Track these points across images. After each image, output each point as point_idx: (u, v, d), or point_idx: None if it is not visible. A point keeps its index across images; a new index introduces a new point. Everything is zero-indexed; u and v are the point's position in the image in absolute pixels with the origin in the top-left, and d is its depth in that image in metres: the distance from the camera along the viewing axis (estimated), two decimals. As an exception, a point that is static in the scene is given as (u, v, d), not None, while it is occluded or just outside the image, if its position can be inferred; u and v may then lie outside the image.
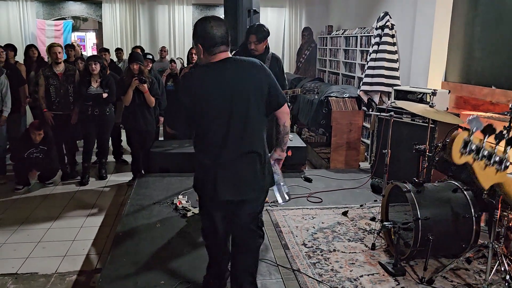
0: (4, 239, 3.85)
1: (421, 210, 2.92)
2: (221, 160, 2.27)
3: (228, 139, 2.25)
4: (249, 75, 2.30)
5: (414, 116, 4.36)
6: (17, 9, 8.83)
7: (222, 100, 2.24)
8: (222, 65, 2.27)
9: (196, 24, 2.33)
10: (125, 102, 4.99)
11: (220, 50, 2.27)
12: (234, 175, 2.29)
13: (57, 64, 5.24)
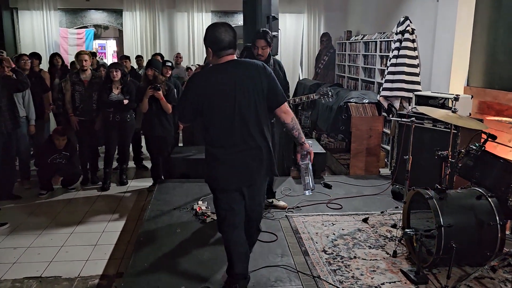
0: (29, 243, 3.93)
1: (444, 217, 2.87)
2: (228, 152, 2.52)
3: (234, 133, 2.50)
4: (251, 75, 2.52)
5: (436, 121, 4.30)
6: (41, 18, 9.05)
7: (226, 97, 2.47)
8: (227, 66, 2.51)
9: (207, 29, 2.55)
10: (142, 109, 5.06)
11: (227, 53, 2.51)
12: (245, 165, 2.56)
13: (83, 71, 5.35)
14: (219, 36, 2.47)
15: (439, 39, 5.37)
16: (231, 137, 2.51)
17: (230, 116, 2.48)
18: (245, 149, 2.54)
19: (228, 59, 2.52)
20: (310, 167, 2.85)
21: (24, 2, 8.97)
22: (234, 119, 2.48)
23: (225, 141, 2.52)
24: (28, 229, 4.24)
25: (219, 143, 2.55)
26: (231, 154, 2.53)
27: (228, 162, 2.54)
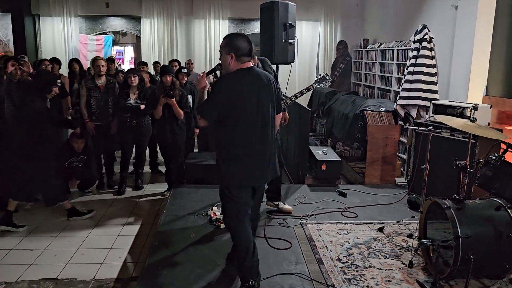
0: (46, 245, 3.98)
1: (461, 227, 2.83)
2: (248, 152, 2.77)
3: (255, 134, 2.77)
4: (268, 82, 2.86)
5: (454, 131, 4.25)
6: (62, 25, 9.23)
7: (251, 101, 2.75)
8: (250, 72, 2.81)
9: (229, 37, 2.82)
10: (156, 116, 5.10)
11: (247, 59, 2.81)
12: (262, 166, 2.85)
13: (99, 77, 5.43)
14: (242, 43, 2.76)
15: (457, 47, 5.32)
16: (253, 137, 2.77)
17: (254, 118, 2.75)
18: (262, 149, 2.82)
19: (248, 65, 2.82)
20: None
21: (46, 9, 9.17)
22: (256, 121, 2.77)
23: (247, 141, 2.76)
24: (45, 231, 4.30)
25: (241, 143, 2.76)
26: (251, 153, 2.77)
27: (248, 161, 2.78)
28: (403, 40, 6.94)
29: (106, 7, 9.42)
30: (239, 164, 2.78)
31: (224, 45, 2.79)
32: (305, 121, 5.48)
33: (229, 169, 2.80)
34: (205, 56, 9.61)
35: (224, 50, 2.78)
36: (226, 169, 2.81)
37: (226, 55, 2.77)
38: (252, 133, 2.76)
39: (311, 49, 9.86)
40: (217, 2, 9.48)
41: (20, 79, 4.74)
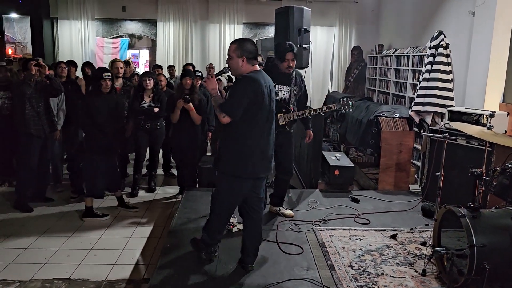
0: (59, 244, 4.03)
1: (476, 236, 2.78)
2: (258, 145, 3.03)
3: (264, 130, 3.06)
4: (272, 84, 3.16)
5: (470, 138, 4.19)
6: (79, 28, 9.37)
7: (267, 100, 3.01)
8: (263, 74, 3.07)
9: (240, 41, 3.03)
10: (173, 120, 5.12)
11: (256, 62, 3.06)
12: (268, 158, 3.12)
13: (116, 79, 5.49)
14: (251, 47, 3.00)
15: (474, 54, 5.27)
16: (263, 132, 3.05)
17: (266, 115, 3.03)
18: (267, 143, 3.10)
19: (257, 67, 3.07)
20: None
21: (64, 12, 9.32)
22: (268, 118, 3.05)
23: (259, 136, 3.03)
24: (58, 231, 4.35)
25: (254, 137, 3.01)
26: (259, 146, 3.04)
27: (257, 154, 3.03)
28: (419, 46, 6.89)
29: (123, 10, 9.54)
30: (253, 157, 3.01)
31: (235, 48, 2.98)
32: (318, 126, 5.46)
33: (244, 162, 3.00)
34: (219, 60, 9.65)
35: (235, 53, 2.97)
36: (240, 162, 3.01)
37: (238, 58, 2.96)
38: (263, 129, 3.04)
39: (325, 54, 9.85)
40: (232, 6, 9.53)
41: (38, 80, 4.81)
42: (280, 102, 4.07)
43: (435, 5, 6.57)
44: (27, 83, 4.73)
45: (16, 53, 10.78)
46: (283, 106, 4.11)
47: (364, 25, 9.72)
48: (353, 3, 9.60)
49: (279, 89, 4.08)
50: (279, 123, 4.07)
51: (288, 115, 4.10)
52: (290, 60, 4.00)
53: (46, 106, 4.92)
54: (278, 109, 4.03)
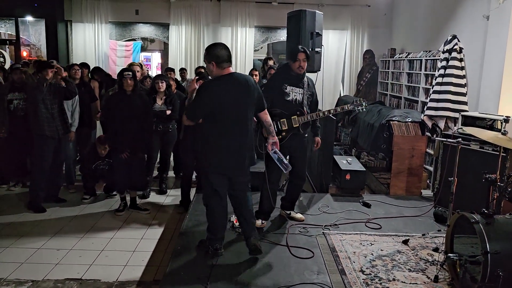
0: (71, 245, 4.06)
1: (490, 243, 2.74)
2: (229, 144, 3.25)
3: (235, 129, 3.26)
4: (247, 85, 3.31)
5: (483, 143, 4.14)
6: (93, 31, 9.46)
7: (231, 102, 3.22)
8: (230, 77, 3.27)
9: (209, 47, 3.25)
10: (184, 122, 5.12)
11: (227, 65, 3.25)
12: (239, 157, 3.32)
13: None
14: (221, 51, 3.21)
15: (488, 58, 5.21)
16: (231, 132, 3.25)
17: (233, 116, 3.24)
18: (240, 142, 3.29)
19: (229, 70, 3.27)
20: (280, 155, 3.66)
21: (78, 15, 9.42)
22: (235, 119, 3.25)
23: (226, 135, 3.25)
24: (71, 232, 4.39)
25: (221, 137, 3.24)
26: (228, 146, 3.26)
27: (226, 152, 3.26)
28: (432, 50, 6.84)
29: (136, 14, 9.61)
30: (217, 154, 3.26)
31: (205, 55, 3.25)
32: (330, 130, 5.45)
33: (209, 158, 3.29)
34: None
35: (207, 59, 3.24)
36: (206, 158, 3.30)
37: (209, 64, 3.23)
38: (231, 129, 3.24)
39: (337, 58, 9.81)
40: (244, 10, 9.55)
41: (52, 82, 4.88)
42: (292, 103, 4.08)
43: (448, 9, 6.52)
44: (41, 85, 4.79)
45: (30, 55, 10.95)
46: (297, 108, 4.09)
47: (376, 28, 9.67)
48: (365, 6, 9.56)
49: (290, 90, 4.08)
50: (293, 125, 4.06)
51: (302, 117, 4.08)
52: (301, 60, 4.01)
53: (60, 108, 4.99)
54: (291, 111, 4.07)
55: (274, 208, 4.25)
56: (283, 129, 4.07)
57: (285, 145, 4.06)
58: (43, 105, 4.79)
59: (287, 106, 4.06)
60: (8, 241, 4.11)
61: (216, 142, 3.27)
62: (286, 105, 4.06)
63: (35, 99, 4.76)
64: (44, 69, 4.79)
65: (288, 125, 4.07)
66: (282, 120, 4.06)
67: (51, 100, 4.86)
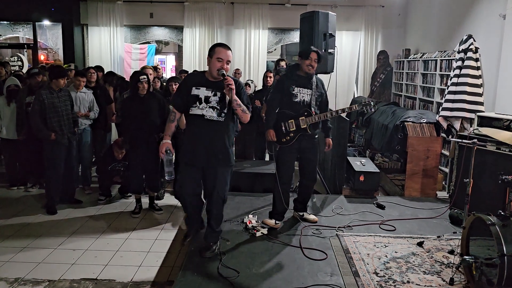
0: (87, 245, 4.12)
1: (507, 245, 2.70)
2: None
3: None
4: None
5: (500, 144, 4.08)
6: (108, 34, 9.60)
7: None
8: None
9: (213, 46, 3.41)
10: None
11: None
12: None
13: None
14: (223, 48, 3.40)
15: (505, 58, 5.13)
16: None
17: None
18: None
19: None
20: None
21: (94, 19, 9.57)
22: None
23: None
24: (86, 232, 4.45)
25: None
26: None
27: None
28: (447, 50, 6.76)
29: (150, 17, 9.72)
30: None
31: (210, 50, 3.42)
32: (343, 131, 5.42)
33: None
34: (244, 65, 9.70)
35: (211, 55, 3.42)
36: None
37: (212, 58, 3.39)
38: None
39: (351, 59, 9.77)
40: (258, 12, 9.58)
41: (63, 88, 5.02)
42: (300, 105, 4.08)
43: (463, 8, 6.44)
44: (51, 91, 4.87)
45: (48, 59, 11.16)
46: (305, 109, 4.09)
47: (390, 29, 9.61)
48: (379, 7, 9.51)
49: (298, 92, 4.08)
50: (301, 126, 4.06)
51: (310, 118, 4.07)
52: (313, 59, 4.03)
53: (67, 113, 5.03)
54: (299, 112, 4.08)
55: (287, 209, 4.25)
56: (291, 130, 4.07)
57: (294, 145, 4.09)
58: (53, 110, 4.86)
59: (295, 108, 4.07)
60: (26, 242, 4.19)
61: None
62: (294, 106, 4.07)
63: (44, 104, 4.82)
64: (56, 78, 4.87)
65: (296, 126, 4.07)
66: (290, 121, 4.07)
67: (62, 106, 4.94)
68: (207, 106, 3.35)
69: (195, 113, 3.37)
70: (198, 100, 3.36)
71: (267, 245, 3.80)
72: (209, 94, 3.37)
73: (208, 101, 3.36)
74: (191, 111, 3.39)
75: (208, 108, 3.35)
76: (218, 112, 3.37)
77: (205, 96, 3.36)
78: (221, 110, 3.38)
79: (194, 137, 3.42)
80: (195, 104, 3.37)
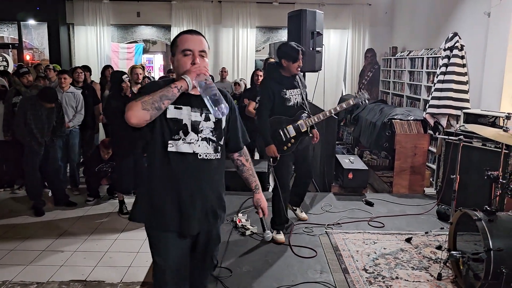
0: (76, 247, 4.09)
1: (493, 240, 2.75)
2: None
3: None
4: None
5: (486, 140, 4.14)
6: (95, 33, 9.50)
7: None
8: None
9: (175, 38, 2.22)
10: None
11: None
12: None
13: (136, 84, 5.56)
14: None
15: (490, 55, 5.20)
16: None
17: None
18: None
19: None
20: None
21: (80, 18, 9.47)
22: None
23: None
24: (75, 233, 4.41)
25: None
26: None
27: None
28: (433, 48, 6.83)
29: (137, 16, 9.65)
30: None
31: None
32: (332, 129, 5.45)
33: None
34: (233, 64, 9.69)
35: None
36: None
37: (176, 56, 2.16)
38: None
39: (338, 57, 9.81)
40: (246, 10, 9.57)
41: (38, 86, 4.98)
42: (294, 108, 3.83)
43: (449, 6, 6.51)
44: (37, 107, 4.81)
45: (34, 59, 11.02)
46: (301, 111, 3.86)
47: (377, 27, 9.67)
48: (366, 5, 9.56)
49: (290, 95, 3.81)
50: (301, 130, 3.83)
51: (309, 120, 3.85)
52: (301, 60, 3.78)
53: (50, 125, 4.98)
54: (296, 116, 3.83)
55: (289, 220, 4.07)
56: (291, 136, 3.80)
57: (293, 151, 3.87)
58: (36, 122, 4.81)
59: (290, 112, 3.81)
60: (13, 244, 4.14)
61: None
62: (289, 110, 3.80)
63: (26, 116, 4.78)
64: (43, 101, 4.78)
65: (296, 131, 3.81)
66: (288, 126, 3.80)
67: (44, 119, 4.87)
68: (198, 138, 2.02)
69: (179, 150, 2.00)
70: (182, 129, 2.00)
71: (257, 243, 3.81)
72: (197, 117, 2.03)
73: (198, 129, 2.03)
74: (170, 146, 1.99)
75: (200, 140, 2.03)
76: (214, 146, 2.08)
77: (193, 122, 2.02)
78: (218, 142, 2.10)
79: (177, 189, 2.03)
80: (177, 136, 2.00)
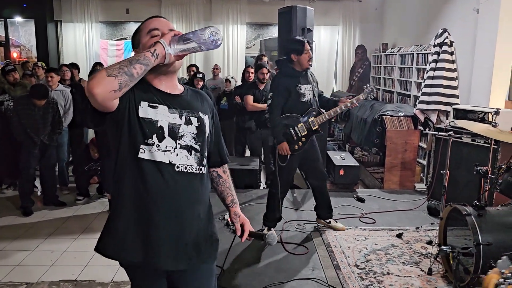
0: (66, 246, 4.05)
1: (482, 235, 2.77)
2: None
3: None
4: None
5: (475, 136, 4.17)
6: (83, 30, 9.40)
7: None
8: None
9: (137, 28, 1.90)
10: None
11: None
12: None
13: None
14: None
15: (479, 51, 5.24)
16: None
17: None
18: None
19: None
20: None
21: (68, 15, 9.36)
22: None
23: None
24: (65, 233, 4.37)
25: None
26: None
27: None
28: (423, 44, 6.86)
29: (126, 12, 9.56)
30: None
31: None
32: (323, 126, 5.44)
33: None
34: (223, 61, 9.65)
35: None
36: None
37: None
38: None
39: (329, 54, 9.82)
40: (236, 7, 9.53)
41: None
42: (307, 104, 3.68)
43: (439, 3, 6.54)
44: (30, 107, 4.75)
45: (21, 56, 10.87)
46: (313, 108, 3.72)
47: (368, 23, 9.68)
48: (356, 2, 9.57)
49: (304, 90, 3.64)
50: (312, 128, 3.69)
51: (320, 117, 3.70)
52: (308, 50, 3.61)
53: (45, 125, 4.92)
54: (308, 113, 3.71)
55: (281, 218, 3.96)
56: (302, 135, 3.66)
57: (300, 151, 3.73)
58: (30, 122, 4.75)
59: (303, 108, 3.67)
60: (1, 244, 4.09)
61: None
62: (302, 107, 3.66)
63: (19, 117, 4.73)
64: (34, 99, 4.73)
65: (307, 129, 3.67)
66: (300, 125, 3.66)
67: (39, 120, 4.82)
68: (176, 145, 1.62)
69: (153, 158, 1.58)
70: (157, 132, 1.58)
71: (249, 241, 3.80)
72: (177, 120, 1.63)
73: (178, 134, 1.62)
74: (142, 152, 1.57)
75: (179, 148, 1.62)
76: (198, 157, 1.70)
77: (171, 125, 1.61)
78: (202, 153, 1.72)
79: (147, 208, 1.61)
80: (151, 140, 1.58)
